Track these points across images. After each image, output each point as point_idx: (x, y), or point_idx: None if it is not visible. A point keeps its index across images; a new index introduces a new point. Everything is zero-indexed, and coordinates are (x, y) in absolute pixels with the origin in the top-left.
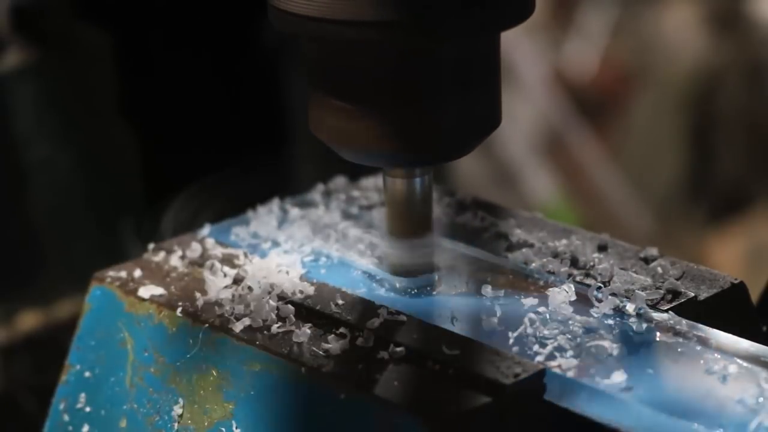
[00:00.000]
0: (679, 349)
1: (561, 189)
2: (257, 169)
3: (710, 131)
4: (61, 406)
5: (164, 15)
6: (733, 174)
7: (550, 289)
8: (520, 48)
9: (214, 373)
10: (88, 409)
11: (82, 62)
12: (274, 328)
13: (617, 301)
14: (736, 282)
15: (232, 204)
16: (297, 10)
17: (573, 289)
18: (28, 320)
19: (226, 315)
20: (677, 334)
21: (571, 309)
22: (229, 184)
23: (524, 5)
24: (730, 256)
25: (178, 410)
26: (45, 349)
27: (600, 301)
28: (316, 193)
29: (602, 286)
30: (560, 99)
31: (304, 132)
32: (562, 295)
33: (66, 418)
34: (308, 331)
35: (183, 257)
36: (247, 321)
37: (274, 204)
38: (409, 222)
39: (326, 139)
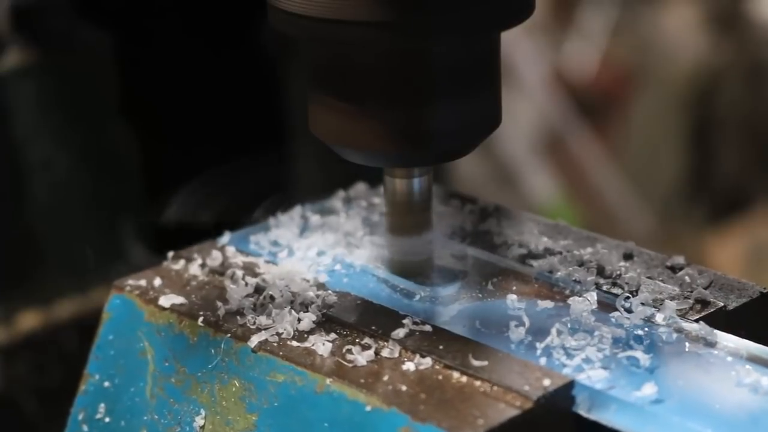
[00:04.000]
0: (710, 361)
1: (561, 189)
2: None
3: (710, 131)
4: (80, 417)
5: (164, 15)
6: (733, 174)
7: (576, 298)
8: (520, 48)
9: (237, 384)
10: (107, 419)
11: (82, 62)
12: (297, 338)
13: (647, 311)
14: (765, 291)
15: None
16: (296, 10)
17: (595, 297)
18: (28, 320)
19: (248, 325)
20: (708, 344)
21: (599, 319)
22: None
23: (524, 5)
24: (730, 256)
25: (200, 421)
26: (45, 349)
27: (628, 311)
28: (337, 200)
29: (630, 295)
30: (560, 99)
31: (304, 131)
32: (587, 304)
33: (85, 428)
34: (332, 342)
35: (203, 265)
36: (269, 331)
37: (295, 211)
38: (409, 221)
39: (326, 139)
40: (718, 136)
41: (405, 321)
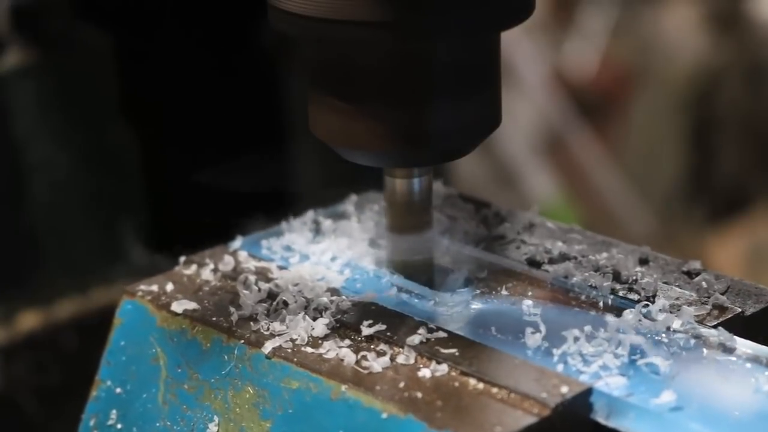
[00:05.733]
0: (729, 367)
1: (561, 189)
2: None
3: (710, 131)
4: (92, 423)
5: (164, 15)
6: (733, 174)
7: (594, 304)
8: (520, 48)
9: (251, 391)
10: (119, 426)
11: (82, 62)
12: (312, 344)
13: (664, 317)
14: None
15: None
16: (296, 10)
17: (609, 303)
18: (28, 320)
19: (262, 330)
20: (726, 350)
21: (616, 325)
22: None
23: (524, 5)
24: (730, 256)
25: (213, 428)
26: (45, 349)
27: (646, 317)
28: (349, 205)
29: (647, 301)
30: (560, 99)
31: (303, 131)
32: (607, 311)
33: None
34: (347, 348)
35: (215, 270)
36: (283, 337)
37: (307, 216)
38: (409, 220)
39: (326, 139)
40: (718, 136)
41: (420, 327)
